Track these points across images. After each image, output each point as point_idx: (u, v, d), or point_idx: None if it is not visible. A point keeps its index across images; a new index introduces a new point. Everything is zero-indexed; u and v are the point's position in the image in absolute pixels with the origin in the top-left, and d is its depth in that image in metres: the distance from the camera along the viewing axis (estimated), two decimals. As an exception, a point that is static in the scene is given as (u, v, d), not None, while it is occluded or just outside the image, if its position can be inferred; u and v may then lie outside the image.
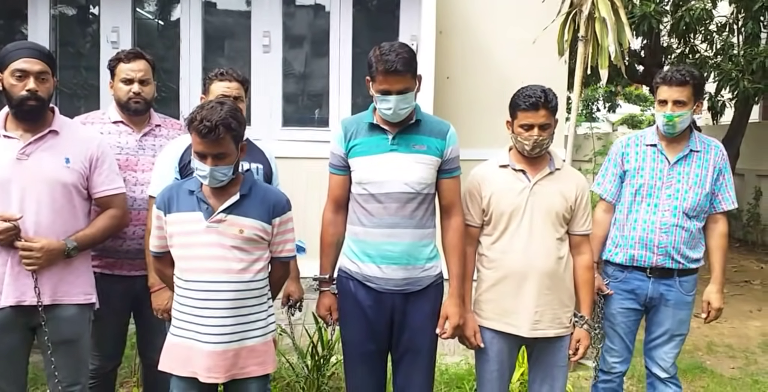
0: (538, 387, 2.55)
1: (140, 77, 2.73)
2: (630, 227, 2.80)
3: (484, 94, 4.49)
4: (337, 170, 2.47)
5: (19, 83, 2.29)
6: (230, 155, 2.15)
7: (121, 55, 2.76)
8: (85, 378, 2.49)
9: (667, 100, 2.70)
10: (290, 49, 4.65)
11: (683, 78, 2.66)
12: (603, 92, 15.95)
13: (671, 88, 2.68)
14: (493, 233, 2.50)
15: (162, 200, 2.24)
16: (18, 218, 2.25)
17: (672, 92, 2.68)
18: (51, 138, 2.37)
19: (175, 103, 4.45)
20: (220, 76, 2.64)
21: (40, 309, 2.29)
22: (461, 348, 2.59)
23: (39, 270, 2.28)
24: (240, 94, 2.66)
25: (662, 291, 2.79)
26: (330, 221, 2.50)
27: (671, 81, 2.68)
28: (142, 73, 2.74)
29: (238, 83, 2.65)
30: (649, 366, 2.91)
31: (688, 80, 2.66)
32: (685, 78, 2.66)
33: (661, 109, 2.73)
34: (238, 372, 2.18)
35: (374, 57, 2.29)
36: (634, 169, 2.81)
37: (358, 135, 2.42)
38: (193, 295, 2.17)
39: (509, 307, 2.46)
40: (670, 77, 2.69)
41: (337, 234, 2.49)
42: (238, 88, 2.65)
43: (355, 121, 2.48)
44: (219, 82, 2.63)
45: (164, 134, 2.85)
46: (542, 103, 2.38)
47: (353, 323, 2.45)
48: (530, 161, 2.50)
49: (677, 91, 2.67)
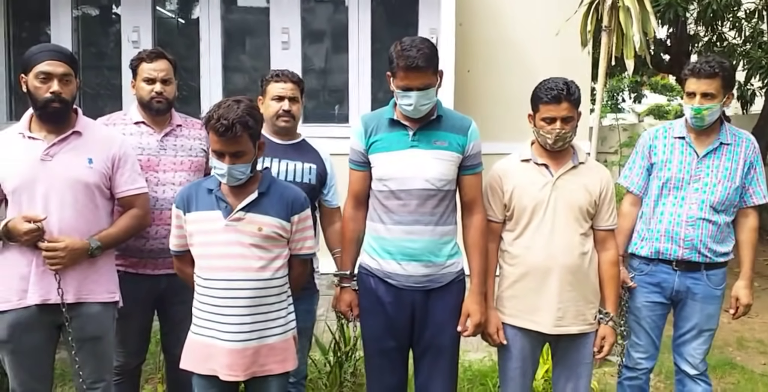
0: (563, 384, 2.52)
1: (162, 77, 2.73)
2: (656, 220, 2.75)
3: (506, 87, 4.43)
4: (358, 166, 2.46)
5: (43, 85, 2.31)
6: (248, 153, 2.15)
7: (143, 55, 2.77)
8: (110, 375, 2.52)
9: (695, 93, 2.63)
10: (309, 45, 4.65)
11: (712, 70, 2.59)
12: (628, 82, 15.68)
13: (699, 81, 2.62)
14: (515, 228, 2.47)
15: (181, 199, 2.25)
16: (42, 219, 2.28)
17: (700, 84, 2.61)
18: (74, 139, 2.40)
19: (195, 102, 4.49)
20: (276, 78, 2.66)
21: (63, 309, 2.32)
22: (484, 344, 2.56)
23: (63, 270, 2.31)
24: (295, 94, 2.68)
25: (689, 284, 2.74)
26: (350, 217, 2.49)
27: (699, 73, 2.61)
28: (164, 73, 2.74)
29: (293, 84, 2.67)
30: (677, 362, 2.86)
31: (718, 72, 2.59)
32: (714, 70, 2.59)
33: (690, 101, 2.66)
34: (258, 370, 2.19)
35: (395, 52, 2.27)
36: (662, 162, 2.76)
37: (378, 131, 2.40)
38: (213, 293, 2.18)
39: (532, 304, 2.42)
40: (698, 69, 2.62)
41: (357, 230, 2.48)
42: (293, 89, 2.67)
43: (375, 116, 2.46)
44: (275, 84, 2.65)
45: (185, 134, 2.85)
46: (564, 95, 2.33)
47: (373, 319, 2.44)
48: (553, 155, 2.45)
49: (705, 83, 2.60)
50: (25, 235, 2.25)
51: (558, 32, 4.17)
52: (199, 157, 2.85)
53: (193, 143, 2.85)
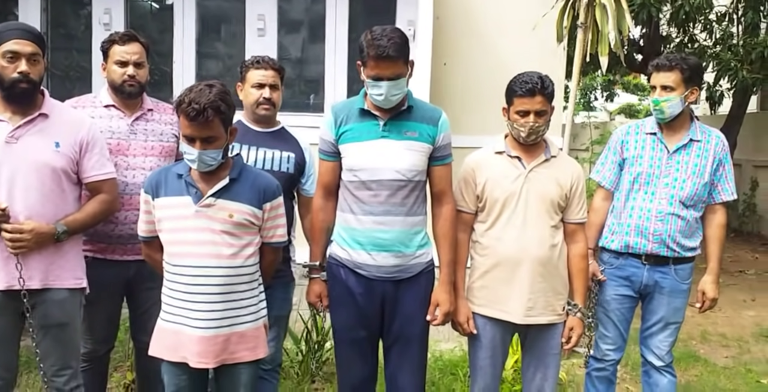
0: (532, 374, 2.55)
1: (135, 60, 2.68)
2: (627, 215, 2.80)
3: (482, 80, 4.45)
4: (327, 156, 2.44)
5: (10, 65, 2.24)
6: (219, 139, 2.12)
7: (115, 37, 2.70)
8: (77, 361, 2.47)
9: (656, 86, 2.73)
10: (286, 33, 4.61)
11: (670, 63, 2.69)
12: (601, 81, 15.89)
13: (659, 74, 2.72)
14: (487, 220, 2.48)
15: (150, 184, 2.21)
16: (4, 207, 2.21)
17: (659, 77, 2.71)
18: (41, 121, 2.33)
19: (168, 87, 4.41)
20: (256, 65, 2.62)
21: (24, 299, 2.26)
22: (455, 334, 2.58)
23: (27, 254, 2.25)
24: (276, 82, 2.64)
25: (657, 278, 2.78)
26: (320, 207, 2.47)
27: (659, 66, 2.72)
28: (137, 56, 2.69)
29: (274, 71, 2.64)
30: (644, 354, 2.92)
31: (675, 65, 2.68)
32: (671, 63, 2.68)
33: (653, 95, 2.76)
34: (228, 358, 2.17)
35: (365, 41, 2.24)
36: (633, 157, 2.80)
37: (348, 121, 2.39)
38: (183, 280, 2.15)
39: (502, 294, 2.44)
40: (657, 63, 2.73)
41: (327, 220, 2.47)
42: (274, 76, 2.63)
43: (345, 106, 2.44)
44: (255, 70, 2.61)
45: (156, 119, 2.81)
46: (538, 89, 2.35)
47: (343, 309, 2.44)
48: (526, 148, 2.47)
49: (664, 76, 2.69)
50: None
51: (534, 27, 4.20)
52: (170, 142, 2.80)
53: (164, 128, 2.80)
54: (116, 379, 3.49)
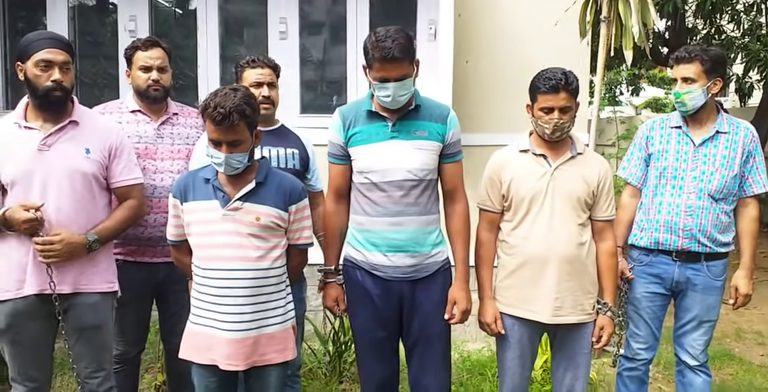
0: (562, 374, 2.52)
1: (158, 65, 2.73)
2: (655, 210, 2.75)
3: (505, 77, 4.41)
4: (337, 159, 2.44)
5: (44, 74, 2.29)
6: (245, 142, 2.14)
7: (138, 43, 2.76)
8: (110, 364, 2.52)
9: (677, 78, 2.70)
10: (308, 35, 4.62)
11: (689, 55, 2.66)
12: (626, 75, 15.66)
13: (678, 66, 2.69)
14: (513, 219, 2.46)
15: (178, 189, 2.24)
16: (40, 205, 2.25)
17: (679, 69, 2.68)
18: (71, 128, 2.38)
19: (193, 92, 4.46)
20: (252, 64, 2.62)
21: (56, 302, 2.31)
22: (483, 334, 2.56)
23: (63, 262, 2.29)
24: (273, 80, 2.65)
25: (689, 275, 2.74)
26: (333, 212, 2.47)
27: (678, 59, 2.70)
28: (160, 61, 2.74)
29: (270, 69, 2.64)
30: (678, 353, 2.86)
31: (694, 56, 2.64)
32: (691, 54, 2.65)
33: (674, 88, 2.73)
34: (258, 360, 2.19)
35: (370, 44, 2.24)
36: (659, 152, 2.76)
37: (356, 123, 2.38)
38: (212, 283, 2.17)
39: (530, 294, 2.42)
40: (677, 56, 2.71)
41: (340, 224, 2.47)
42: (270, 74, 2.64)
43: (353, 108, 2.44)
44: (251, 70, 2.62)
45: (182, 122, 2.85)
46: (562, 85, 2.33)
47: (362, 312, 2.44)
48: (551, 145, 2.45)
49: (684, 68, 2.67)
50: (24, 224, 2.24)
51: (557, 23, 4.15)
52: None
53: (189, 131, 2.84)
54: (147, 381, 3.55)
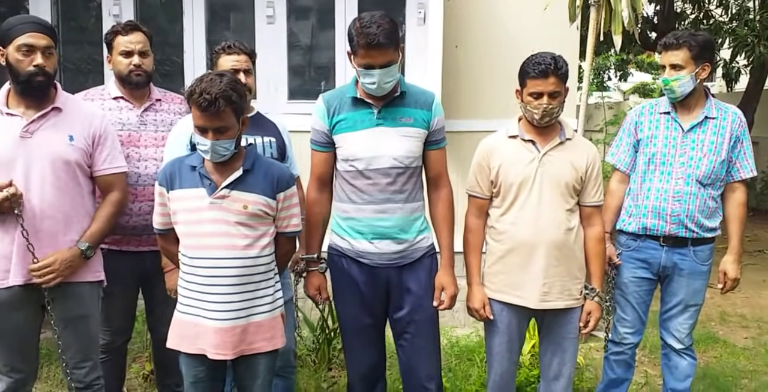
0: (549, 359, 2.54)
1: (140, 49, 2.67)
2: (643, 196, 2.77)
3: (494, 62, 4.39)
4: (321, 147, 2.42)
5: (25, 58, 2.24)
6: (231, 129, 2.11)
7: (118, 28, 2.70)
8: (96, 354, 2.50)
9: (665, 65, 2.69)
10: (295, 20, 4.56)
11: (677, 41, 2.64)
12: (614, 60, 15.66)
13: (666, 53, 2.68)
14: (501, 205, 2.46)
15: (164, 177, 2.21)
16: (8, 184, 2.20)
17: (667, 56, 2.67)
18: (54, 115, 2.34)
19: (179, 77, 4.40)
20: (228, 50, 2.57)
21: (45, 293, 2.29)
22: (471, 320, 2.57)
23: (45, 251, 2.26)
24: (249, 66, 2.60)
25: (676, 260, 2.76)
26: (315, 200, 2.45)
27: (666, 46, 2.68)
28: (141, 45, 2.68)
29: (246, 56, 2.59)
30: (664, 337, 2.90)
31: (682, 43, 2.63)
32: (679, 41, 2.64)
33: (662, 74, 2.72)
34: (246, 348, 2.18)
35: (354, 30, 2.21)
36: (648, 138, 2.77)
37: (341, 110, 2.36)
38: (199, 272, 2.15)
39: (518, 279, 2.43)
40: (665, 42, 2.69)
41: (322, 213, 2.46)
42: (246, 60, 2.59)
43: (337, 95, 2.41)
44: (226, 56, 2.57)
45: (165, 108, 2.81)
46: (552, 70, 2.31)
47: (348, 299, 2.44)
48: (540, 131, 2.44)
49: (672, 54, 2.66)
50: (5, 201, 2.19)
51: (546, 7, 4.13)
52: None
53: (173, 118, 2.80)
54: (135, 370, 3.54)
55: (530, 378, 3.25)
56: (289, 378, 2.75)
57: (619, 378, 2.94)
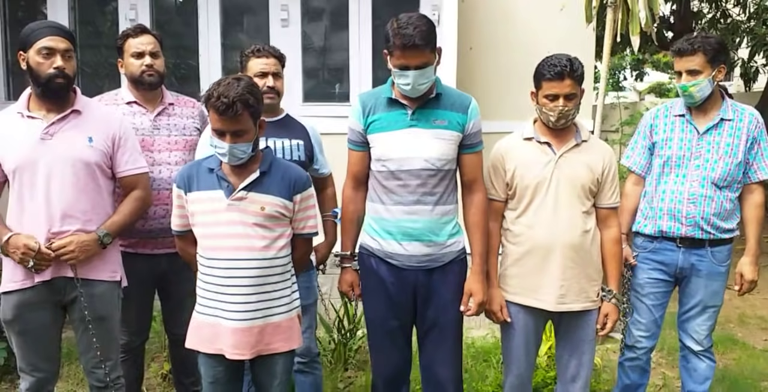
0: (566, 361, 2.53)
1: (150, 50, 2.70)
2: (659, 198, 2.75)
3: (509, 64, 4.38)
4: (356, 146, 2.43)
5: (46, 61, 2.29)
6: (249, 132, 2.13)
7: (128, 32, 2.74)
8: (116, 354, 2.53)
9: (681, 71, 2.66)
10: (309, 22, 4.58)
11: (691, 46, 2.62)
12: (630, 60, 15.55)
13: (682, 59, 2.65)
14: (517, 207, 2.46)
15: (182, 179, 2.23)
16: (36, 245, 2.26)
17: (683, 62, 2.64)
18: (74, 117, 2.38)
19: (195, 81, 4.44)
20: (257, 53, 2.60)
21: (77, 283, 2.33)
22: (487, 321, 2.57)
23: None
24: (278, 70, 2.62)
25: (693, 261, 2.74)
26: (350, 198, 2.47)
27: (680, 51, 2.65)
28: (152, 46, 2.72)
29: (275, 59, 2.62)
30: (682, 338, 2.88)
31: (697, 48, 2.61)
32: (693, 46, 2.61)
33: (678, 80, 2.69)
34: (263, 349, 2.19)
35: (391, 30, 2.21)
36: (663, 141, 2.76)
37: (376, 110, 2.37)
38: (217, 273, 2.17)
39: (535, 282, 2.42)
40: (678, 48, 2.66)
41: (357, 211, 2.47)
42: (275, 64, 2.61)
43: (373, 95, 2.42)
44: (256, 59, 2.59)
45: (178, 113, 2.83)
46: (567, 72, 2.31)
47: (376, 299, 2.44)
48: (555, 133, 2.43)
49: (688, 60, 2.63)
50: (22, 248, 2.25)
51: (562, 8, 4.12)
52: (193, 136, 2.82)
53: (186, 122, 2.82)
54: (154, 370, 3.57)
55: (547, 380, 3.24)
56: (315, 374, 2.78)
57: (634, 383, 2.93)
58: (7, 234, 2.28)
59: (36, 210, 2.30)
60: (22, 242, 2.25)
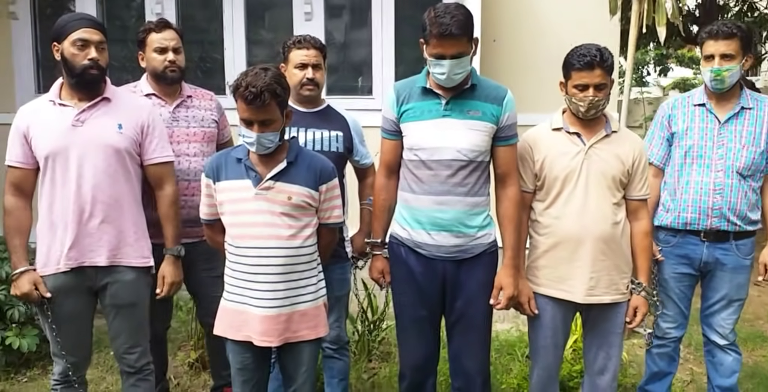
0: (594, 353, 2.50)
1: (173, 46, 2.73)
2: (682, 190, 2.72)
3: (532, 57, 4.34)
4: (389, 135, 2.44)
5: (80, 52, 2.33)
6: (276, 121, 2.14)
7: (150, 26, 2.76)
8: (146, 340, 2.56)
9: (713, 55, 2.61)
10: (333, 16, 4.59)
11: (729, 30, 2.58)
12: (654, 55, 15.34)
13: (717, 42, 2.60)
14: (546, 198, 2.44)
15: (211, 168, 2.25)
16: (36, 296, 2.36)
17: (719, 46, 2.60)
18: (104, 105, 2.42)
19: (219, 74, 4.47)
20: (298, 44, 2.60)
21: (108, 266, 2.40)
22: (511, 315, 2.57)
23: (99, 234, 2.36)
24: (319, 61, 2.62)
25: (718, 255, 2.71)
26: (382, 186, 2.48)
27: (717, 34, 2.60)
28: (175, 42, 2.74)
29: (316, 50, 2.62)
30: (707, 333, 2.85)
31: (735, 32, 2.57)
32: (731, 30, 2.57)
33: (708, 64, 2.64)
34: (291, 336, 2.21)
35: (428, 19, 2.20)
36: (683, 131, 2.73)
37: (410, 99, 2.36)
38: (245, 261, 2.19)
39: (564, 273, 2.40)
40: (715, 30, 2.61)
41: (389, 199, 2.47)
42: (316, 55, 2.61)
43: (407, 84, 2.42)
44: (297, 50, 2.60)
45: (196, 105, 2.85)
46: (597, 61, 2.28)
47: (405, 288, 2.44)
48: (585, 123, 2.41)
49: (724, 44, 2.59)
50: (23, 295, 2.35)
51: None
52: (211, 128, 2.85)
53: (204, 114, 2.85)
54: (181, 358, 3.62)
55: (572, 373, 3.22)
56: (344, 360, 2.83)
57: (662, 371, 2.91)
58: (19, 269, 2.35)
59: (67, 196, 2.34)
60: (26, 289, 2.33)
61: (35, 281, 2.34)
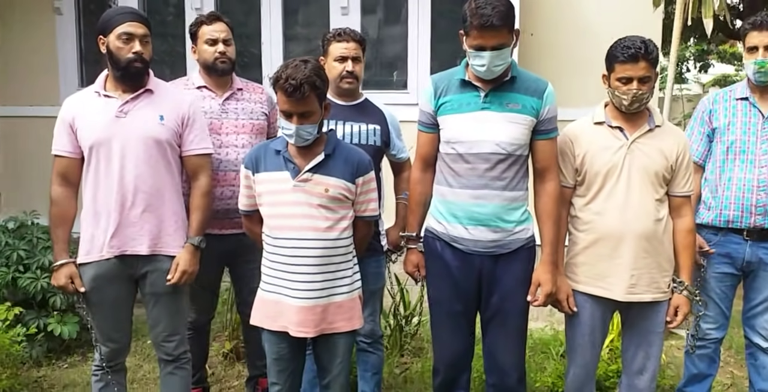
0: (633, 353, 2.45)
1: (224, 37, 2.78)
2: (723, 187, 2.66)
3: (570, 51, 4.27)
4: (426, 128, 2.42)
5: (125, 46, 2.37)
6: (315, 113, 2.15)
7: (202, 18, 2.83)
8: (184, 329, 2.61)
9: (757, 46, 2.54)
10: (369, 10, 4.58)
11: None
12: (694, 51, 14.95)
13: (762, 33, 2.53)
14: (586, 194, 2.39)
15: (250, 160, 2.28)
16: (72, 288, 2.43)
17: (763, 37, 2.53)
18: (146, 97, 2.46)
19: (257, 68, 4.51)
20: (338, 37, 2.62)
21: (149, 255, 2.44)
22: (545, 313, 2.53)
23: (141, 223, 2.40)
24: (358, 54, 2.63)
25: (761, 255, 2.65)
26: (418, 180, 2.46)
27: (761, 25, 2.53)
28: (225, 34, 2.79)
29: (356, 43, 2.63)
30: (748, 335, 2.78)
31: None
32: None
33: (751, 56, 2.57)
34: (326, 327, 2.22)
35: (469, 10, 2.18)
36: (724, 126, 2.66)
37: (448, 92, 2.34)
38: (282, 252, 2.21)
39: (604, 270, 2.36)
40: (760, 21, 2.54)
41: (425, 193, 2.46)
42: (356, 48, 2.62)
43: (445, 77, 2.40)
44: (337, 43, 2.61)
45: (246, 98, 2.90)
46: (642, 54, 2.23)
47: (440, 283, 2.43)
48: (628, 117, 2.36)
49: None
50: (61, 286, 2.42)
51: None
52: (260, 120, 2.89)
53: (254, 106, 2.89)
54: (215, 348, 3.67)
55: (609, 373, 3.17)
56: (378, 354, 2.84)
57: (702, 373, 2.84)
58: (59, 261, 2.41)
59: (109, 186, 2.38)
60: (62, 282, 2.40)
61: (72, 275, 2.40)
